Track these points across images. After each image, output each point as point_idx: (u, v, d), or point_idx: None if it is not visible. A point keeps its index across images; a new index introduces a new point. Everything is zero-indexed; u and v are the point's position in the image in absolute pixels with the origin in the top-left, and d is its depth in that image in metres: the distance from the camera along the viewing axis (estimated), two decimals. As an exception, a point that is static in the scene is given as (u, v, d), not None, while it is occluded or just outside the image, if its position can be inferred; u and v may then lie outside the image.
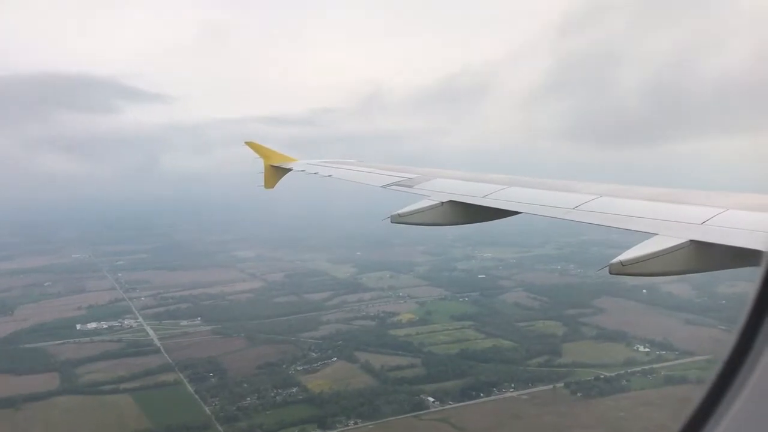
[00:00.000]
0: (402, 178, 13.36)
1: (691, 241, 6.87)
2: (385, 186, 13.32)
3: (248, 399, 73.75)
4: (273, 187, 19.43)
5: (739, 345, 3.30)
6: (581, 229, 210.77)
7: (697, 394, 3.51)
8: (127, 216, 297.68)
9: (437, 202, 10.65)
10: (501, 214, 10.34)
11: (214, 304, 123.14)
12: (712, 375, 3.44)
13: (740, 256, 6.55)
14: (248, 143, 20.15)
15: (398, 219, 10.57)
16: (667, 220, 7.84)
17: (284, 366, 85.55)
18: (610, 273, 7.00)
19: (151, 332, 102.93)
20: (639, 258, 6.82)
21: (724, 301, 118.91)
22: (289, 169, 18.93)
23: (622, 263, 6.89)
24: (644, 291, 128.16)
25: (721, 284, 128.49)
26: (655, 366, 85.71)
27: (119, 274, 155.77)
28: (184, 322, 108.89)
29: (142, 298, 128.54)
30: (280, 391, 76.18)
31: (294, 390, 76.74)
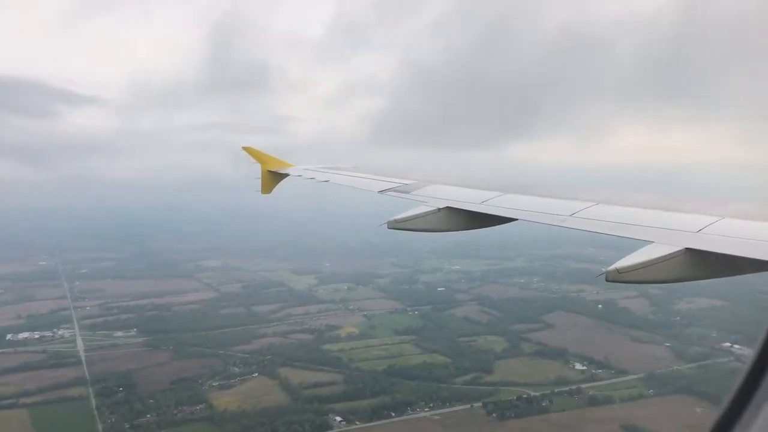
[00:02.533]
0: (399, 184, 13.28)
1: (686, 249, 6.78)
2: (382, 192, 13.18)
3: (147, 416, 71.03)
4: (270, 192, 19.21)
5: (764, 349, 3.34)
6: (558, 242, 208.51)
7: (725, 398, 3.50)
8: (105, 225, 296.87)
9: (434, 208, 10.55)
10: (498, 220, 10.21)
11: (157, 314, 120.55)
12: (739, 378, 3.44)
13: (736, 265, 6.58)
14: (245, 148, 19.88)
15: (395, 225, 10.39)
16: (663, 227, 7.72)
17: (200, 381, 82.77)
18: (607, 280, 6.91)
19: (80, 343, 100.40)
20: (635, 266, 6.71)
21: (678, 318, 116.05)
22: (287, 175, 18.78)
23: (618, 270, 6.77)
24: (599, 306, 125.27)
25: (680, 301, 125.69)
26: (584, 386, 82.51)
27: (76, 282, 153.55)
28: (118, 333, 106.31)
29: (88, 308, 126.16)
30: (184, 408, 73.46)
31: (199, 407, 73.98)
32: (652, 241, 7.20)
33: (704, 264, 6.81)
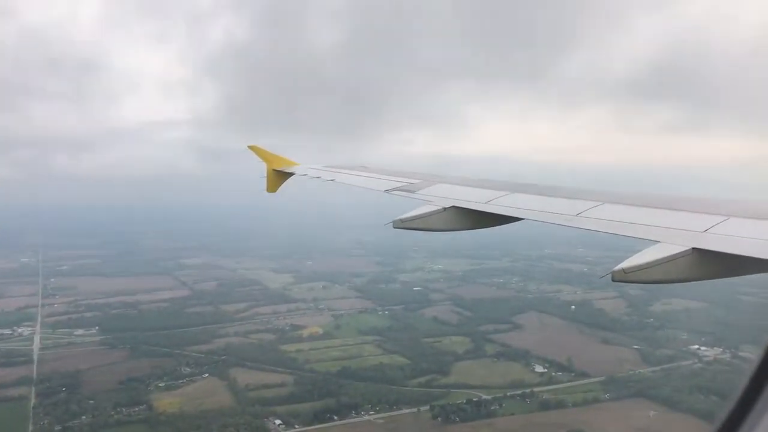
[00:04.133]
0: (405, 183, 13.22)
1: (693, 249, 6.70)
2: (388, 191, 13.10)
3: (83, 417, 69.46)
4: (275, 191, 19.15)
5: None
6: (545, 242, 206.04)
7: (729, 400, 3.54)
8: (99, 222, 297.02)
9: (440, 207, 10.49)
10: (504, 220, 10.15)
11: (123, 313, 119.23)
12: (744, 379, 3.50)
13: (742, 265, 6.60)
14: (251, 147, 19.69)
15: (400, 224, 10.29)
16: (670, 227, 7.63)
17: (147, 382, 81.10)
18: (613, 280, 6.66)
19: (37, 341, 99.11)
20: (641, 265, 6.57)
21: (652, 320, 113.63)
22: (292, 174, 18.76)
23: (624, 270, 6.58)
24: (572, 307, 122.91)
25: (657, 302, 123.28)
26: (540, 389, 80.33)
27: (52, 280, 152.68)
28: (79, 332, 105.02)
29: (56, 305, 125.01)
30: (123, 409, 71.76)
31: (138, 409, 72.30)
32: (659, 241, 7.11)
33: (711, 264, 6.75)
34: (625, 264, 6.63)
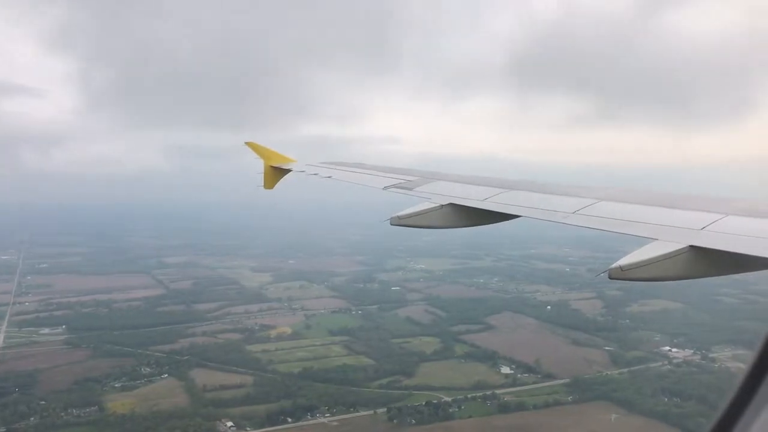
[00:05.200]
0: (402, 181, 13.24)
1: (690, 246, 6.70)
2: (385, 188, 13.06)
3: (31, 419, 68.07)
4: (272, 187, 19.08)
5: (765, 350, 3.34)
6: (533, 242, 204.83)
7: (726, 396, 3.57)
8: (88, 220, 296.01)
9: (437, 204, 10.51)
10: (501, 217, 10.20)
11: (94, 312, 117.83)
12: (740, 377, 3.48)
13: (740, 263, 6.68)
14: (248, 143, 19.58)
15: (398, 221, 10.33)
16: (667, 225, 7.60)
17: (104, 382, 79.77)
18: (610, 277, 6.65)
19: (0, 340, 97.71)
20: (638, 263, 6.59)
21: (627, 321, 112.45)
22: (289, 170, 18.65)
23: (621, 268, 6.55)
24: (548, 308, 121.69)
25: (635, 303, 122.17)
26: (503, 391, 79.10)
27: (28, 278, 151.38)
28: (44, 330, 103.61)
29: (27, 303, 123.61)
30: (73, 410, 70.38)
31: (89, 410, 70.89)
32: (656, 239, 7.11)
33: (708, 262, 6.77)
34: (623, 261, 6.62)
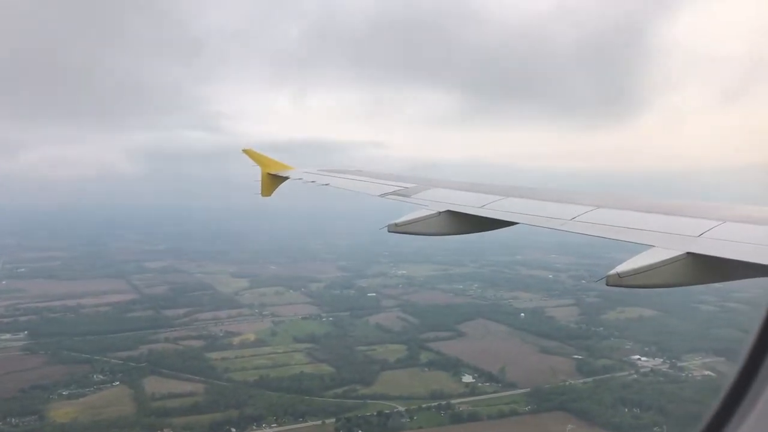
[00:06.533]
0: (400, 188, 13.27)
1: (688, 253, 6.70)
2: (382, 195, 13.11)
3: (-34, 428, 66.25)
4: (270, 195, 19.20)
5: (758, 346, 3.44)
6: (518, 249, 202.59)
7: (717, 396, 3.63)
8: (79, 224, 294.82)
9: (434, 211, 10.47)
10: (498, 224, 10.14)
11: (61, 317, 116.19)
12: (732, 376, 3.55)
13: (737, 269, 6.64)
14: (245, 151, 19.71)
15: (395, 228, 10.27)
16: (664, 232, 7.60)
17: (52, 390, 77.96)
18: (608, 284, 6.58)
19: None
20: (636, 270, 6.57)
21: (601, 328, 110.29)
22: (287, 178, 18.70)
23: (619, 275, 6.53)
24: (522, 315, 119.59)
25: (611, 310, 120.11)
26: (460, 400, 77.09)
27: (3, 282, 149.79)
28: (5, 336, 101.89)
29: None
30: (12, 419, 68.56)
31: (29, 419, 69.08)
32: (653, 245, 7.03)
33: (706, 268, 6.74)
34: (620, 268, 6.57)
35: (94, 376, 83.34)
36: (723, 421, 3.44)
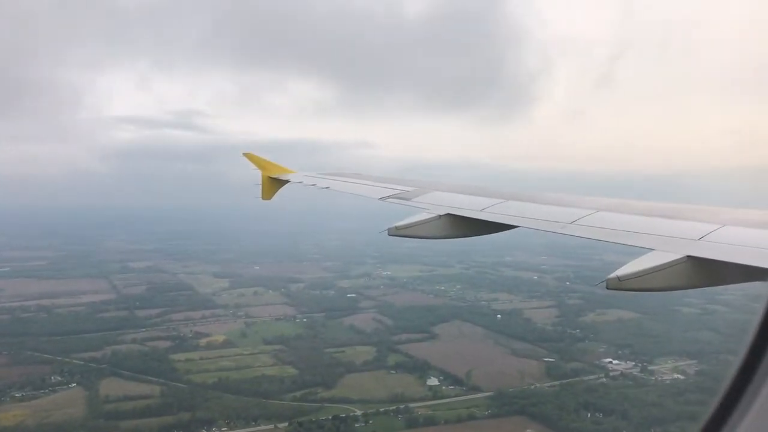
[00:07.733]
0: (400, 191, 13.24)
1: (688, 256, 6.67)
2: (382, 198, 13.01)
3: None
4: (270, 198, 19.19)
5: (755, 347, 3.42)
6: (506, 250, 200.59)
7: (715, 397, 3.59)
8: (70, 223, 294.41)
9: (434, 215, 10.48)
10: (498, 227, 10.20)
11: (32, 317, 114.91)
12: (728, 377, 3.54)
13: (737, 272, 6.58)
14: (246, 154, 19.76)
15: (395, 232, 10.33)
16: (665, 235, 7.58)
17: (5, 391, 76.67)
18: (608, 288, 6.61)
19: None
20: (636, 273, 6.51)
21: (577, 330, 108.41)
22: (287, 181, 18.75)
23: (619, 278, 6.54)
24: (498, 316, 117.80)
25: (591, 312, 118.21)
26: (420, 404, 75.53)
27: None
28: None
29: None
30: (-42, 421, 67.25)
31: (-27, 421, 67.75)
32: (654, 249, 7.01)
33: (706, 272, 6.66)
34: (620, 272, 6.55)
35: (52, 378, 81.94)
36: (721, 421, 3.40)
